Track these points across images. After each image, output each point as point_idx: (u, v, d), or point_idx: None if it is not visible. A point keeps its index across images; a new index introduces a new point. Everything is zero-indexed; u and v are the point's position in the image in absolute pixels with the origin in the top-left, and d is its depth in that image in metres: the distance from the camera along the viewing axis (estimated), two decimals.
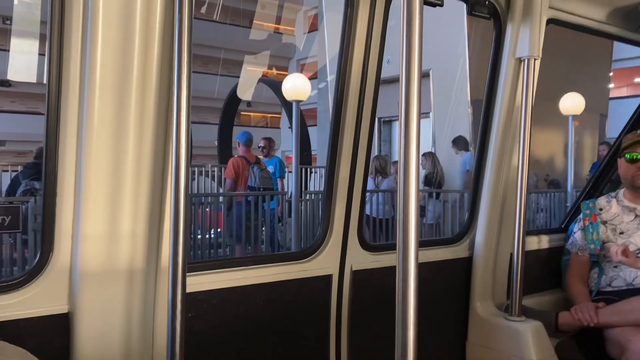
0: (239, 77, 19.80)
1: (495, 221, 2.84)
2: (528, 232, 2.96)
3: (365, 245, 2.51)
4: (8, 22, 20.36)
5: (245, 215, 7.73)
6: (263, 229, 8.10)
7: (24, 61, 17.97)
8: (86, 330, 1.77)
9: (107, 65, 1.69)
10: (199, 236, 7.83)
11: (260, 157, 8.79)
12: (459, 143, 10.11)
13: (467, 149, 9.99)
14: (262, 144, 9.07)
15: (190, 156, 1.75)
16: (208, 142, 8.47)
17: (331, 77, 14.17)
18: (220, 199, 8.37)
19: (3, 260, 5.88)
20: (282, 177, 8.99)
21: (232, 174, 8.02)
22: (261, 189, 8.10)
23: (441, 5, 2.46)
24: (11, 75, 19.67)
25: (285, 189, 9.13)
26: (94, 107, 1.70)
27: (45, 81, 1.79)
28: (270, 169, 8.84)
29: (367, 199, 8.67)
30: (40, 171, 6.04)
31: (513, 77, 2.71)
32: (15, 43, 17.76)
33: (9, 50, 18.29)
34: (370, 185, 8.85)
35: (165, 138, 1.84)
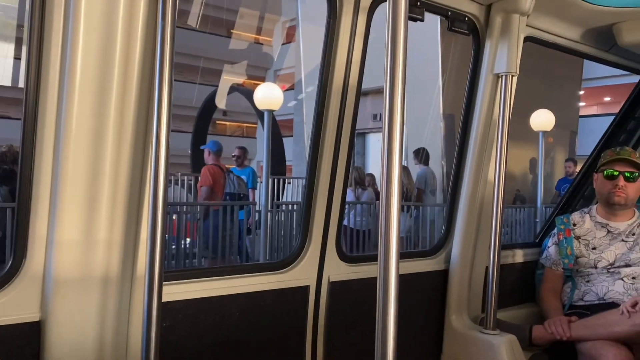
0: (214, 85, 19.74)
1: (471, 234, 2.86)
2: (503, 246, 3.00)
3: (343, 256, 2.51)
4: None
5: (218, 225, 7.62)
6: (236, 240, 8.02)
7: None
8: (58, 339, 1.73)
9: (87, 71, 1.67)
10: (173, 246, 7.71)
11: (230, 167, 8.73)
12: (421, 156, 9.88)
13: (427, 164, 9.91)
14: (236, 153, 8.97)
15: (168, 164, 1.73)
16: (180, 151, 8.39)
17: (309, 89, 14.22)
18: (191, 208, 8.26)
19: None
20: (253, 188, 8.85)
21: (209, 181, 7.85)
22: (241, 196, 8.03)
23: (422, 20, 2.49)
24: None
25: (257, 200, 9.06)
26: (72, 112, 1.66)
27: (22, 85, 1.76)
28: (243, 179, 8.79)
29: (346, 210, 8.69)
30: (4, 176, 5.91)
31: (491, 92, 2.76)
32: None
33: None
34: (350, 197, 8.87)
35: (144, 145, 1.82)
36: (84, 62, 1.65)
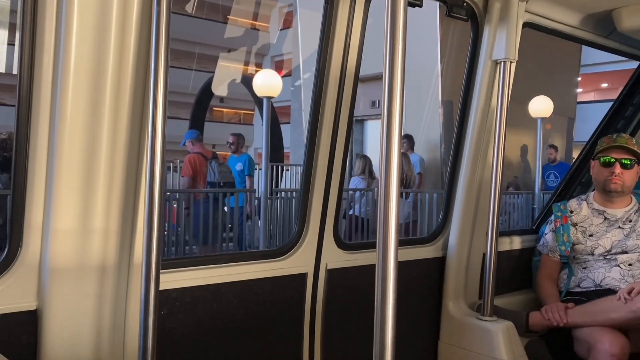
0: (211, 72, 19.65)
1: (469, 221, 2.87)
2: (500, 233, 3.00)
3: (340, 244, 2.51)
4: None
5: (206, 214, 7.44)
6: (229, 228, 7.90)
7: None
8: (55, 327, 1.73)
9: (82, 56, 1.65)
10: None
11: (227, 153, 8.61)
12: (408, 141, 9.64)
13: (412, 149, 9.82)
14: (230, 140, 8.86)
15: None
16: (178, 138, 8.34)
17: (306, 75, 14.15)
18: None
19: None
20: (250, 175, 8.74)
21: (190, 172, 7.73)
22: (221, 184, 7.88)
23: (420, 5, 2.47)
24: None
25: (255, 187, 9.00)
26: (67, 99, 1.65)
27: (15, 72, 1.73)
28: (239, 166, 8.68)
29: (356, 199, 8.64)
30: (4, 163, 5.89)
31: (489, 79, 2.74)
32: None
33: None
34: (360, 185, 8.81)
35: (140, 132, 1.80)
36: (78, 47, 1.63)
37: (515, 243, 3.26)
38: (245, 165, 8.67)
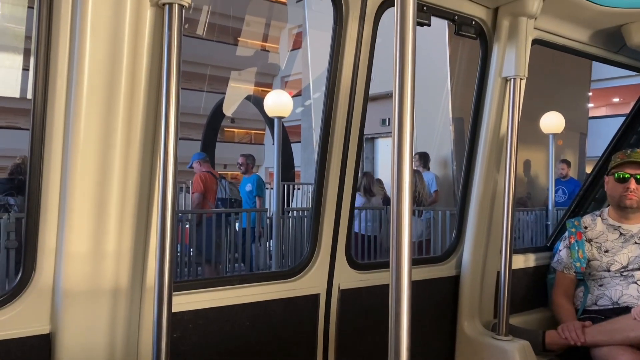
0: (222, 93, 19.82)
1: (482, 239, 2.84)
2: (514, 251, 2.97)
3: (353, 263, 2.49)
4: None
5: (214, 232, 7.48)
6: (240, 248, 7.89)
7: (6, 76, 17.76)
8: (68, 351, 1.72)
9: (94, 81, 1.67)
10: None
11: (237, 174, 8.70)
12: (423, 159, 9.63)
13: (427, 167, 9.82)
14: (240, 161, 8.87)
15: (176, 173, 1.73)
16: (189, 159, 8.41)
17: (316, 95, 14.23)
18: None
19: None
20: (260, 196, 8.75)
21: (201, 188, 7.85)
22: (232, 200, 7.98)
23: (428, 25, 2.48)
24: None
25: (266, 207, 8.98)
26: (80, 123, 1.66)
27: (29, 96, 1.76)
28: (249, 186, 8.70)
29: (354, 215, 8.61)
30: (15, 187, 5.98)
31: (499, 96, 2.74)
32: None
33: None
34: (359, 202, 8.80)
35: (153, 154, 1.81)
36: (90, 72, 1.65)
37: (530, 260, 3.23)
38: (254, 186, 8.67)
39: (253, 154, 9.36)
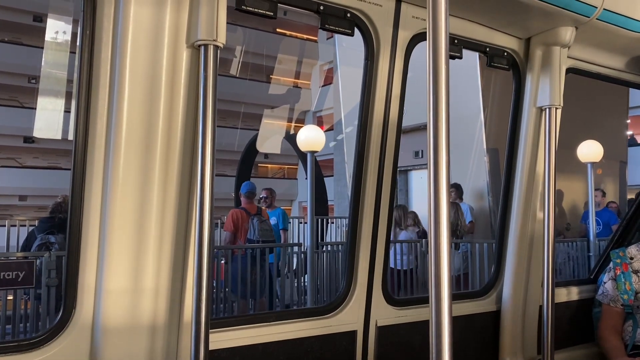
0: (255, 129, 20.11)
1: (523, 273, 2.76)
2: (556, 284, 2.88)
3: (390, 299, 2.45)
4: (33, 81, 21.06)
5: (244, 269, 7.41)
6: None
7: (49, 118, 18.45)
8: None
9: (133, 122, 1.71)
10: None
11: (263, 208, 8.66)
12: (456, 191, 9.43)
13: (461, 198, 9.68)
14: (263, 194, 8.86)
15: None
16: (224, 194, 8.48)
17: (348, 129, 14.30)
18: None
19: (17, 317, 5.83)
20: (285, 229, 8.73)
21: (231, 227, 7.80)
22: (260, 242, 7.85)
23: (460, 57, 2.48)
24: (36, 132, 20.13)
25: (290, 241, 8.87)
26: (119, 163, 1.71)
27: (71, 137, 1.81)
28: (273, 220, 8.69)
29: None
30: (56, 225, 6.13)
31: (535, 126, 2.70)
32: (41, 101, 18.30)
33: (35, 108, 18.83)
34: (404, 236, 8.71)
35: (190, 191, 1.84)
36: (129, 112, 1.70)
37: (573, 293, 3.12)
38: (280, 219, 8.66)
39: (287, 188, 9.35)
